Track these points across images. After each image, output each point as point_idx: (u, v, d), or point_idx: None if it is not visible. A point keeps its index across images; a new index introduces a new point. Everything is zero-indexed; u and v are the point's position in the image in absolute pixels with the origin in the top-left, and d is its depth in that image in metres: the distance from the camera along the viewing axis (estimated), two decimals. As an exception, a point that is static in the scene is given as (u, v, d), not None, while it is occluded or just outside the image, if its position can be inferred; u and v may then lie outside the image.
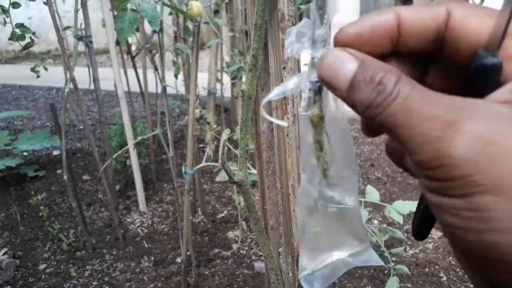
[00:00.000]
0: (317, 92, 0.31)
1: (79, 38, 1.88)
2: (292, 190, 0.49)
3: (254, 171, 1.29)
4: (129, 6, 1.24)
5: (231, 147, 1.69)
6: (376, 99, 0.24)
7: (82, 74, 2.02)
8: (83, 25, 1.87)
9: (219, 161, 0.46)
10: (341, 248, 0.38)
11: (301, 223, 0.37)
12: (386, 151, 0.34)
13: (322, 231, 0.38)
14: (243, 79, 2.47)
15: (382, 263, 0.35)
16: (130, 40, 3.32)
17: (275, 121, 0.37)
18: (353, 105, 0.26)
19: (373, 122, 0.25)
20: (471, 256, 0.22)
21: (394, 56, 0.29)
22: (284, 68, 0.44)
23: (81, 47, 1.93)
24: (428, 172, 0.22)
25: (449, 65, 0.28)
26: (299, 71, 0.46)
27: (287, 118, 0.47)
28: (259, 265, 1.71)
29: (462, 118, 0.21)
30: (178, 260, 1.87)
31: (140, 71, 2.78)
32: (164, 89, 1.46)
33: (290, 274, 0.51)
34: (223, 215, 2.23)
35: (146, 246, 2.00)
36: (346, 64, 0.26)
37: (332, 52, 0.28)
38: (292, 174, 0.48)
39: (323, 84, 0.30)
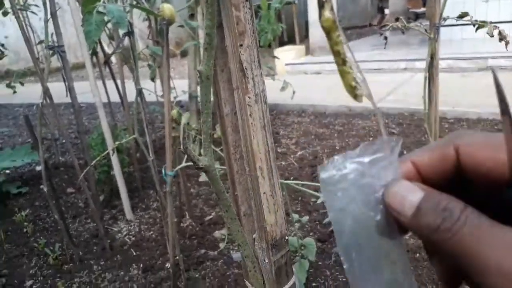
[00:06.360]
0: None
1: (51, 48, 1.85)
2: (261, 172, 0.47)
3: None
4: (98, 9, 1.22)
5: (213, 147, 1.67)
6: (443, 223, 0.25)
7: (62, 89, 1.98)
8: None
9: (181, 146, 0.44)
10: None
11: None
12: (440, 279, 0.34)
13: None
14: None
15: None
16: (107, 48, 3.29)
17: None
18: (419, 229, 0.27)
19: (437, 247, 0.26)
20: None
21: None
22: (241, 45, 0.43)
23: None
24: None
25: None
26: (257, 48, 0.45)
27: (249, 97, 0.45)
28: (236, 256, 1.67)
29: None
30: (167, 265, 1.84)
31: (119, 81, 2.74)
32: (139, 91, 1.43)
33: (266, 260, 0.49)
34: (211, 217, 2.21)
35: (134, 254, 1.97)
36: (413, 192, 0.28)
37: (399, 181, 0.29)
38: (259, 156, 0.47)
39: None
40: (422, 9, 10.78)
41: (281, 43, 7.64)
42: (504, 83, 0.24)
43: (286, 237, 0.51)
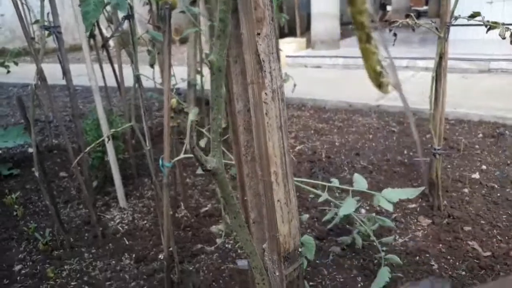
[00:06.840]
0: None
1: (46, 29, 1.78)
2: (275, 177, 0.42)
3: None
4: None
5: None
6: None
7: (59, 70, 1.91)
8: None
9: (188, 146, 0.39)
10: None
11: None
12: None
13: None
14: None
15: None
16: (105, 31, 3.20)
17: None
18: None
19: None
20: None
21: None
22: (259, 34, 0.37)
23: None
24: None
25: None
26: (276, 38, 0.39)
27: (265, 94, 0.40)
28: (242, 263, 1.62)
29: None
30: (161, 256, 1.80)
31: (117, 66, 2.67)
32: (137, 78, 1.38)
33: (277, 273, 0.45)
34: (206, 209, 2.17)
35: (127, 243, 1.93)
36: None
37: None
38: (274, 159, 0.42)
39: None
40: (425, 7, 10.71)
41: (282, 35, 7.55)
42: (506, 86, 0.19)
43: (300, 249, 0.47)
